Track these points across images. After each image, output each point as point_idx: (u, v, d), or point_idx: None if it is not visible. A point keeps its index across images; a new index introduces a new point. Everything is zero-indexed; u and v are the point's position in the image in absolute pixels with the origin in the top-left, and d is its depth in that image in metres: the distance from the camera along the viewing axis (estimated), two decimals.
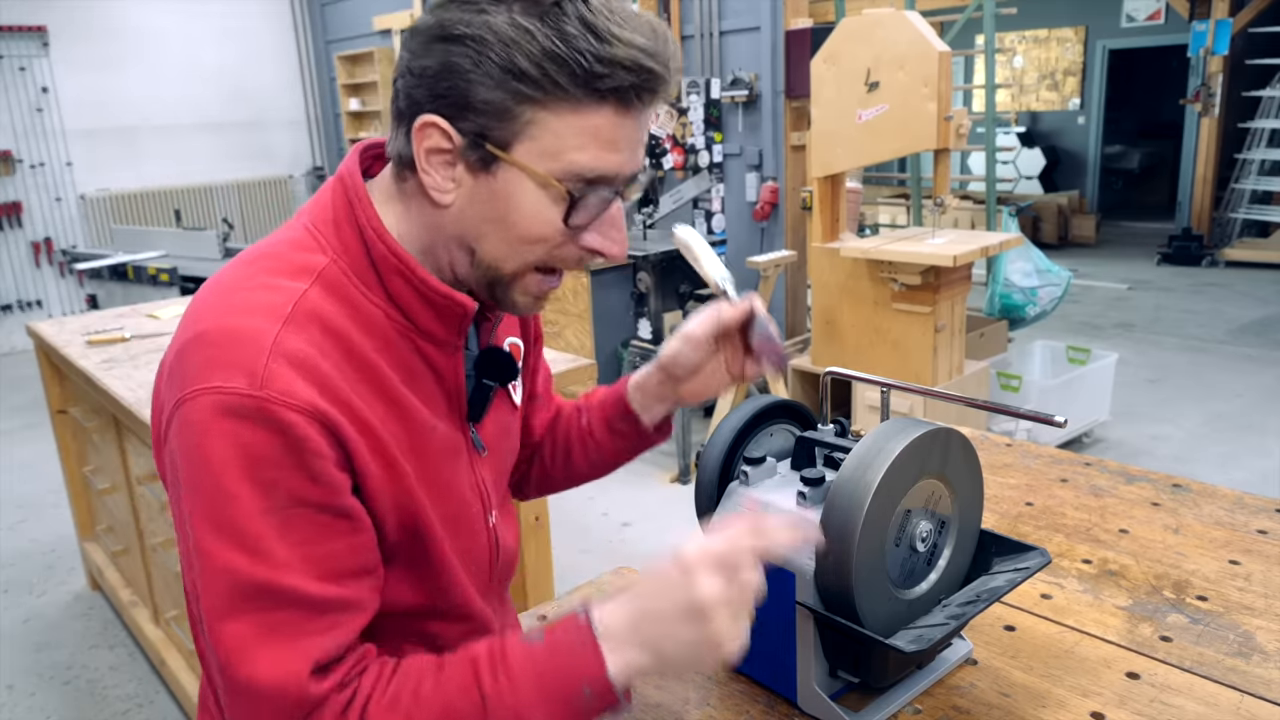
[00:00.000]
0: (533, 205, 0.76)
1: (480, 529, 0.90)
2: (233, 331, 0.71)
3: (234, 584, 0.69)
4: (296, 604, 0.70)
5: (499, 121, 0.73)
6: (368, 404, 0.76)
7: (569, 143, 0.74)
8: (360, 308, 0.78)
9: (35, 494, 4.24)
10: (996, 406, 1.00)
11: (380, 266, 0.79)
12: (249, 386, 0.69)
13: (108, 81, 7.12)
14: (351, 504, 0.74)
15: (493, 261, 0.79)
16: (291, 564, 0.70)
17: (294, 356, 0.71)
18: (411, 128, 0.75)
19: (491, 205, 0.76)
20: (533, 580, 2.37)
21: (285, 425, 0.69)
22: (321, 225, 0.81)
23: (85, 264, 5.31)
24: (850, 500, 0.81)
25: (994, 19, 4.36)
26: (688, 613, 0.69)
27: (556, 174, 0.75)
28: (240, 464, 0.68)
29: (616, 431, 1.05)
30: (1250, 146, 8.36)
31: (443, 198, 0.77)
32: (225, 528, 0.69)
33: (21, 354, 6.84)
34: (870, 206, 6.62)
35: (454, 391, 0.86)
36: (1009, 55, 11.19)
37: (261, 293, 0.75)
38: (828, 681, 0.91)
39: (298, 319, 0.73)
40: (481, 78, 0.72)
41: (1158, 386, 5.14)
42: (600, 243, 0.80)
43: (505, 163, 0.75)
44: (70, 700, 2.71)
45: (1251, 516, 1.25)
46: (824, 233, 3.94)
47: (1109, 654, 0.98)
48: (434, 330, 0.82)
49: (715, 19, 4.90)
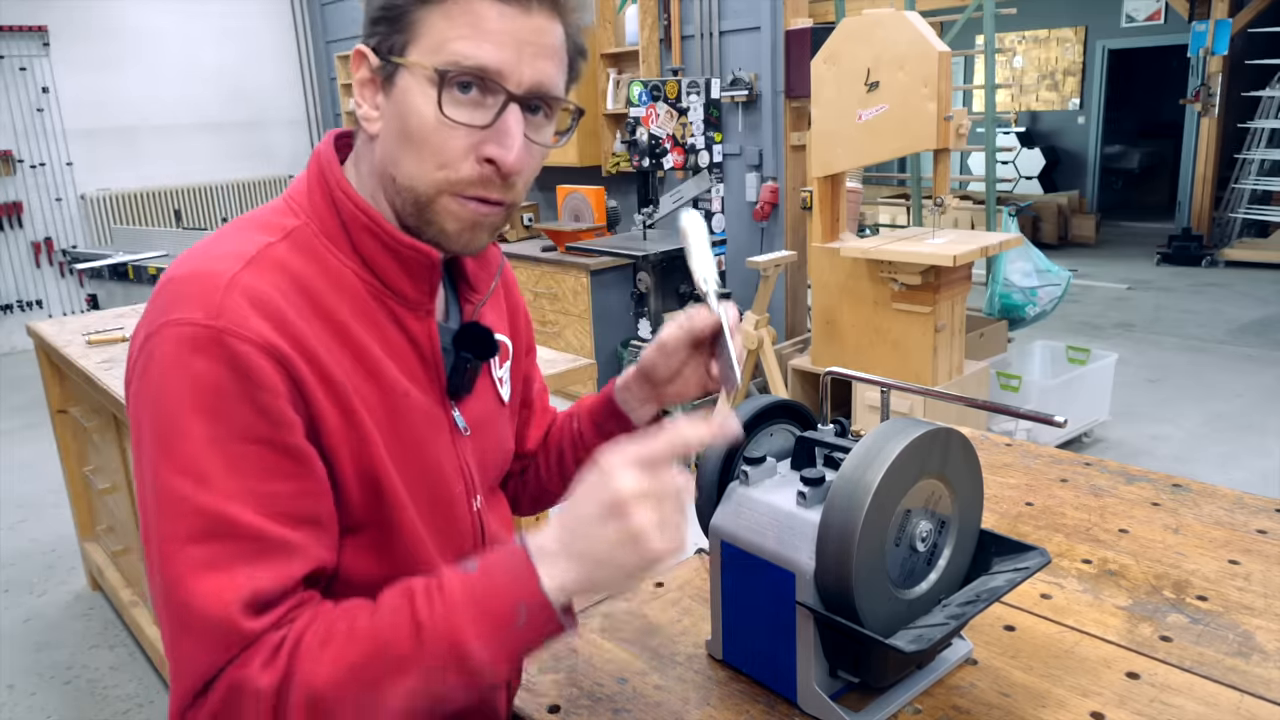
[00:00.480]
0: (420, 104, 0.77)
1: (463, 512, 0.89)
2: (196, 273, 0.74)
3: (177, 510, 0.69)
4: (237, 535, 0.70)
5: (395, 29, 0.77)
6: (330, 352, 0.76)
7: (450, 34, 0.76)
8: (331, 267, 0.80)
9: (35, 494, 4.24)
10: (996, 406, 1.01)
11: (350, 226, 0.81)
12: (204, 317, 0.71)
13: (108, 81, 7.12)
14: (302, 444, 0.74)
15: (407, 183, 0.80)
16: (235, 495, 0.70)
17: (250, 292, 0.73)
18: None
19: (396, 121, 0.78)
20: None
21: (236, 356, 0.70)
22: (297, 195, 0.84)
23: (85, 264, 5.31)
24: (850, 500, 0.81)
25: (994, 19, 4.36)
26: (608, 510, 0.69)
27: (438, 65, 0.76)
28: (191, 394, 0.70)
29: (606, 432, 1.05)
30: (1250, 146, 8.36)
31: (371, 126, 0.80)
32: (174, 455, 0.70)
33: (21, 354, 6.84)
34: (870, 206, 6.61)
35: (431, 361, 0.86)
36: (1009, 55, 11.19)
37: (229, 243, 0.78)
38: (828, 681, 0.91)
39: (260, 262, 0.76)
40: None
41: (1158, 386, 5.14)
42: (495, 150, 0.78)
43: (401, 69, 0.77)
44: (70, 700, 2.71)
45: (1251, 516, 1.25)
46: (824, 233, 3.94)
47: (1109, 654, 0.98)
48: (404, 289, 0.82)
49: (715, 19, 4.90)
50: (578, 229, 4.92)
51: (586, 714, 0.94)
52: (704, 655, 1.03)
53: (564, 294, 4.83)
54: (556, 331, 4.94)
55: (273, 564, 0.71)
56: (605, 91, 5.47)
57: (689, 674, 1.00)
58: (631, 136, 4.07)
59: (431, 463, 0.85)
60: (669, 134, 4.15)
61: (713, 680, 0.99)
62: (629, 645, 1.06)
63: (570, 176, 5.84)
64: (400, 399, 0.82)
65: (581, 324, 4.78)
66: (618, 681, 0.99)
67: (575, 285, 4.74)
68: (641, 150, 4.08)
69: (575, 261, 4.69)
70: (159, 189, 7.39)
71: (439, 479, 0.86)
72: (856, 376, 1.13)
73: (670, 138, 4.15)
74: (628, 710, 0.94)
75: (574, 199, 5.12)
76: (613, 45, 5.40)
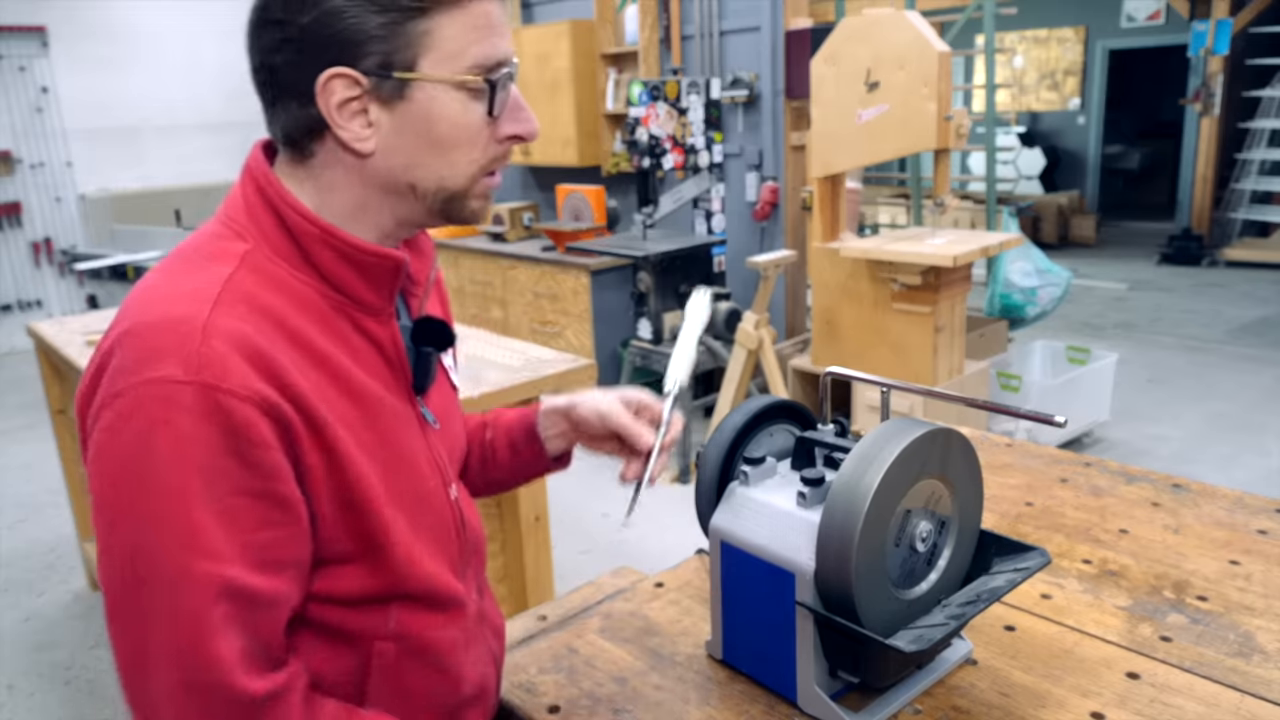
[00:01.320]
0: (456, 111, 0.78)
1: (442, 504, 0.89)
2: (162, 321, 0.70)
3: (173, 582, 0.68)
4: (235, 597, 0.69)
5: (397, 45, 0.75)
6: (311, 381, 0.75)
7: (465, 39, 0.76)
8: (291, 287, 0.78)
9: (35, 494, 4.24)
10: (996, 406, 1.00)
11: (302, 241, 0.79)
12: (185, 373, 0.67)
13: (108, 81, 7.11)
14: (291, 493, 0.73)
15: (439, 184, 0.80)
16: (232, 558, 0.69)
17: (228, 336, 0.70)
18: (313, 93, 0.75)
19: (417, 130, 0.78)
20: (533, 580, 2.37)
21: (224, 413, 0.68)
22: (235, 215, 0.80)
23: (85, 264, 5.31)
24: (850, 500, 0.81)
25: (994, 19, 4.36)
26: None
27: (465, 72, 0.77)
28: (179, 457, 0.67)
29: (518, 452, 1.07)
30: (1250, 146, 8.35)
31: (364, 145, 0.78)
32: (164, 524, 0.68)
33: (21, 354, 6.84)
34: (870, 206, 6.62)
35: (397, 362, 0.85)
36: (1009, 55, 11.19)
37: (186, 279, 0.74)
38: (828, 681, 0.91)
39: (227, 299, 0.72)
40: (365, 9, 0.73)
41: (1158, 386, 5.14)
42: (516, 126, 0.82)
43: (417, 82, 0.76)
44: (70, 700, 2.71)
45: (1251, 516, 1.25)
46: (824, 233, 3.94)
47: (1109, 654, 0.98)
48: (366, 298, 0.81)
49: (715, 19, 4.90)
50: (578, 229, 4.92)
51: (586, 714, 0.94)
52: (704, 655, 1.03)
53: (564, 294, 4.83)
54: (557, 331, 4.94)
55: (266, 617, 0.72)
56: (605, 91, 5.47)
57: (689, 674, 1.00)
58: (631, 136, 4.07)
59: (411, 463, 0.85)
60: (669, 134, 4.15)
61: (713, 680, 0.99)
62: (629, 645, 1.06)
63: (570, 176, 5.83)
64: (376, 406, 0.81)
65: (581, 324, 4.78)
66: (617, 681, 0.99)
67: (575, 285, 4.74)
68: (641, 150, 4.08)
69: (575, 261, 4.69)
70: (159, 189, 7.39)
71: (418, 476, 0.86)
72: (856, 376, 1.13)
73: (670, 138, 4.15)
74: (628, 710, 0.94)
75: (574, 199, 5.12)
76: (613, 45, 5.40)
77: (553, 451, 1.07)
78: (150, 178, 7.43)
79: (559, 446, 1.07)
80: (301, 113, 0.77)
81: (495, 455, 1.08)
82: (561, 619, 1.14)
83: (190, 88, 7.52)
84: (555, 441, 1.06)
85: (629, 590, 1.19)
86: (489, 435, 1.09)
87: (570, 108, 5.39)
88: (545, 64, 5.47)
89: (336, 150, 0.79)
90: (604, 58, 5.43)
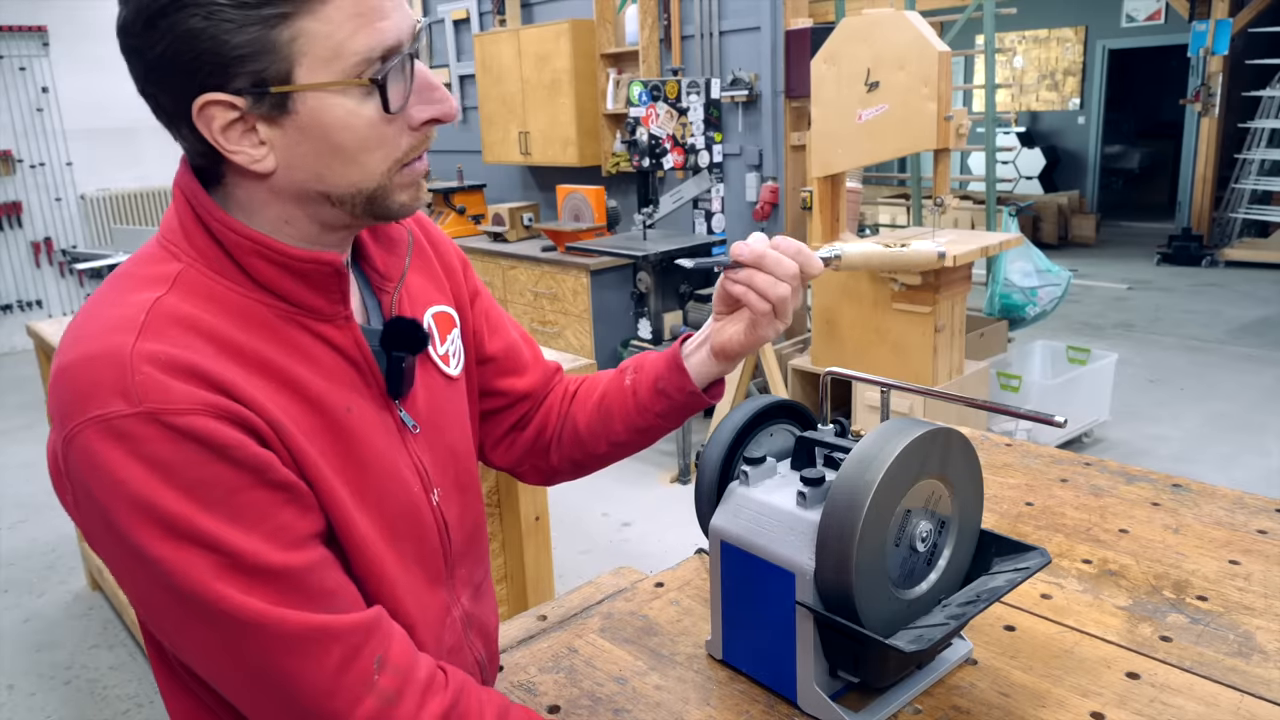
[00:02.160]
0: (349, 115, 0.72)
1: (423, 510, 0.87)
2: (90, 357, 0.68)
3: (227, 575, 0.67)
4: (280, 577, 0.69)
5: (267, 58, 0.69)
6: (260, 390, 0.72)
7: (340, 36, 0.70)
8: (230, 302, 0.75)
9: (35, 494, 4.24)
10: (996, 406, 1.00)
11: (235, 254, 0.75)
12: (127, 407, 0.65)
13: (108, 81, 7.10)
14: (286, 475, 0.72)
15: (354, 188, 0.75)
16: (258, 549, 0.68)
17: (157, 360, 0.67)
18: (191, 121, 0.71)
19: (313, 141, 0.72)
20: (533, 580, 2.37)
21: (183, 430, 0.66)
22: (170, 235, 0.77)
23: (85, 264, 5.31)
24: (850, 500, 0.81)
25: (994, 19, 4.36)
26: None
27: (349, 72, 0.71)
28: (155, 478, 0.65)
29: (661, 390, 0.99)
30: (1250, 146, 8.36)
31: (261, 165, 0.72)
32: (178, 535, 0.66)
33: (21, 354, 6.84)
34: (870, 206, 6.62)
35: (365, 367, 0.82)
36: (1009, 55, 11.19)
37: (111, 310, 0.71)
38: (828, 681, 0.91)
39: (153, 326, 0.69)
40: (221, 27, 0.67)
41: (1158, 386, 5.14)
42: (430, 110, 0.76)
43: (297, 93, 0.70)
44: (70, 700, 2.71)
45: (1251, 516, 1.25)
46: (824, 233, 3.94)
47: (1109, 654, 0.98)
48: (313, 303, 0.78)
49: (715, 19, 4.90)
50: (578, 229, 4.92)
51: (586, 714, 0.94)
52: (704, 655, 1.03)
53: (564, 294, 4.83)
54: (557, 331, 4.94)
55: (316, 586, 0.72)
56: (605, 91, 5.47)
57: (689, 674, 1.00)
58: (631, 136, 4.07)
59: (386, 470, 0.83)
60: (669, 134, 4.15)
61: (713, 680, 0.99)
62: (629, 645, 1.06)
63: (570, 176, 5.83)
64: (342, 416, 0.79)
65: (581, 324, 4.78)
66: (618, 681, 0.99)
67: (575, 285, 4.74)
68: (641, 150, 4.08)
69: (575, 261, 4.69)
70: (159, 189, 7.40)
71: (396, 484, 0.84)
72: (856, 376, 1.13)
73: (670, 138, 4.15)
74: (628, 710, 0.94)
75: (574, 199, 5.12)
76: (613, 45, 5.40)
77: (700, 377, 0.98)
78: (149, 178, 7.43)
79: (703, 368, 0.97)
80: (194, 139, 0.73)
81: (639, 398, 1.01)
82: (561, 619, 1.14)
83: None
84: (700, 357, 0.97)
85: (629, 590, 1.19)
86: (629, 380, 1.02)
87: (570, 108, 5.39)
88: (545, 64, 5.47)
89: (240, 172, 0.75)
90: (604, 58, 5.43)
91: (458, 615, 0.93)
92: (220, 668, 0.71)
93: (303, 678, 0.70)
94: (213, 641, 0.69)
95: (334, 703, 0.71)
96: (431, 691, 0.75)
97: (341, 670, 0.71)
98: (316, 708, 0.70)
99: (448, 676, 0.78)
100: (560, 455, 1.07)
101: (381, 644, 0.74)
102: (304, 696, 0.70)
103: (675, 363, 0.98)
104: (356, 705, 0.71)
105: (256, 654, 0.69)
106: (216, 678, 0.72)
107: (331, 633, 0.71)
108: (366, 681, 0.72)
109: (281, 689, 0.70)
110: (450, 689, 0.77)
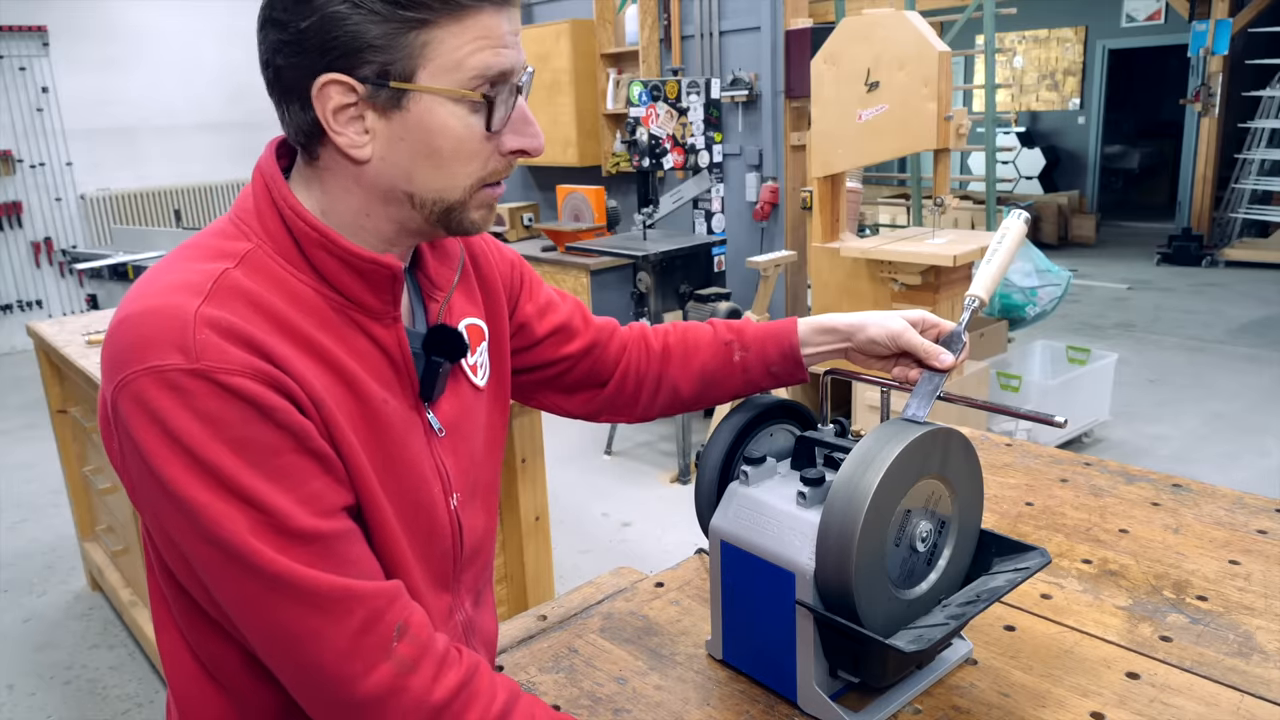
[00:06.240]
0: (454, 123, 0.77)
1: (441, 511, 0.89)
2: (155, 310, 0.71)
3: (264, 538, 0.70)
4: (311, 541, 0.72)
5: (396, 55, 0.74)
6: (308, 369, 0.76)
7: (464, 51, 0.76)
8: (291, 287, 0.79)
9: (35, 494, 4.24)
10: (996, 406, 1.00)
11: (303, 243, 0.80)
12: (185, 361, 0.69)
13: (108, 81, 7.12)
14: (322, 446, 0.75)
15: (436, 195, 0.80)
16: (292, 510, 0.71)
17: (218, 325, 0.71)
18: (310, 96, 0.75)
19: (414, 140, 0.78)
20: (533, 580, 2.37)
21: (234, 390, 0.70)
22: (244, 215, 0.81)
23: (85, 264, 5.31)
24: (850, 500, 0.81)
25: (994, 19, 4.37)
26: None
27: (463, 85, 0.76)
28: (205, 431, 0.69)
29: (776, 377, 1.09)
30: (1250, 146, 8.36)
31: (360, 152, 0.78)
32: (221, 487, 0.69)
33: (21, 354, 6.84)
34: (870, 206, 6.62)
35: (402, 367, 0.86)
36: (1009, 55, 11.19)
37: (181, 274, 0.75)
38: (828, 681, 0.91)
39: (218, 294, 0.73)
40: (366, 17, 0.73)
41: (1158, 386, 5.14)
42: (521, 141, 0.82)
43: (415, 93, 0.76)
44: (70, 700, 2.71)
45: (1251, 516, 1.25)
46: (824, 233, 3.94)
47: (1109, 654, 0.98)
48: (367, 301, 0.82)
49: (715, 19, 4.90)
50: (578, 229, 4.92)
51: (586, 714, 0.94)
52: (704, 655, 1.03)
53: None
54: None
55: (345, 551, 0.75)
56: (605, 91, 5.47)
57: (689, 674, 1.00)
58: (631, 136, 4.08)
59: (410, 467, 0.85)
60: (669, 134, 4.15)
61: (713, 680, 0.99)
62: (629, 645, 1.06)
63: (570, 176, 5.83)
64: (380, 406, 0.82)
65: None
66: (618, 681, 0.99)
67: (575, 285, 4.74)
68: (641, 150, 4.08)
69: (575, 261, 4.69)
70: (159, 189, 7.39)
71: (418, 482, 0.86)
72: (856, 376, 1.13)
73: (670, 138, 4.15)
74: (628, 710, 0.94)
75: (574, 199, 5.12)
76: (613, 45, 5.40)
77: (810, 367, 1.08)
78: (149, 178, 7.43)
79: (817, 364, 1.08)
80: (303, 115, 0.77)
81: (749, 377, 1.09)
82: (561, 619, 1.14)
83: (190, 88, 7.52)
84: (818, 360, 1.08)
85: (629, 590, 1.19)
86: (738, 358, 1.10)
87: (570, 108, 5.39)
88: (545, 64, 5.46)
89: (336, 155, 0.79)
90: (604, 58, 5.43)
91: (460, 620, 0.94)
92: (247, 617, 0.73)
93: (323, 638, 0.72)
94: (244, 591, 0.72)
95: (351, 665, 0.73)
96: (447, 665, 0.77)
97: (362, 634, 0.73)
98: (335, 668, 0.72)
99: (462, 654, 0.80)
100: (657, 409, 1.15)
101: (403, 613, 0.76)
102: (323, 656, 0.72)
103: (794, 357, 1.07)
104: (373, 669, 0.73)
105: (281, 610, 0.72)
106: (244, 625, 0.75)
107: (356, 595, 0.73)
108: (385, 647, 0.74)
109: (302, 647, 0.72)
110: (465, 665, 0.78)
